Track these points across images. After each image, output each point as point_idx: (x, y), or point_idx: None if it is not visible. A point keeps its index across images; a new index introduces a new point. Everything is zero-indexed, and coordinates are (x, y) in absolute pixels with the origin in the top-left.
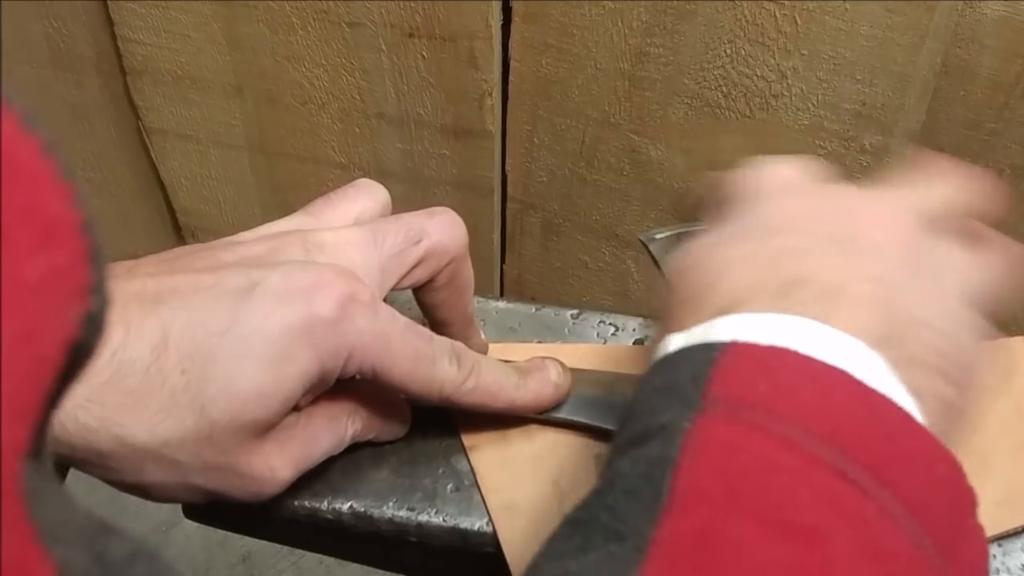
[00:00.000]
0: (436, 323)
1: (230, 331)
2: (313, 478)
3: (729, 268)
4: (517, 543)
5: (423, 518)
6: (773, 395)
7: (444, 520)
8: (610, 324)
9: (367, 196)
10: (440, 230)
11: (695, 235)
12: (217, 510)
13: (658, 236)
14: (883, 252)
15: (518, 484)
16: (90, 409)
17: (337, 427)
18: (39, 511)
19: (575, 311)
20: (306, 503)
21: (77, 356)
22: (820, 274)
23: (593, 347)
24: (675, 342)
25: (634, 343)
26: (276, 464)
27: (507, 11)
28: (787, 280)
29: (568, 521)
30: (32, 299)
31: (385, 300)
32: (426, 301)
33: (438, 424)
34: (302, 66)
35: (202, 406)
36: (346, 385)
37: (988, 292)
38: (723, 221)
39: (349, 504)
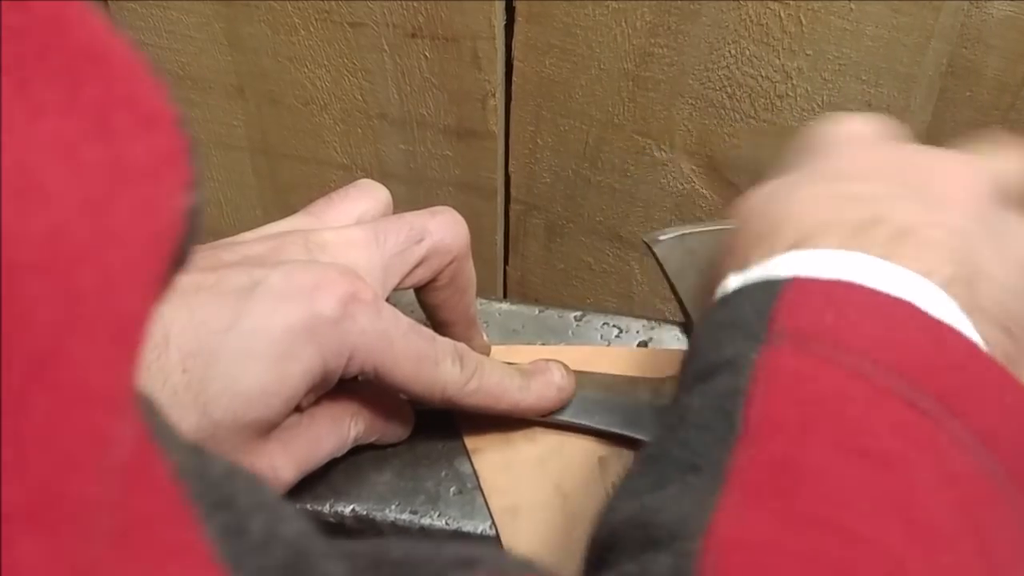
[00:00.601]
0: (438, 324)
1: (232, 330)
2: (315, 480)
3: (801, 206)
4: (520, 546)
5: (426, 521)
6: (839, 327)
7: (447, 523)
8: (614, 326)
9: (368, 196)
10: (442, 229)
11: (699, 236)
12: None
13: (662, 238)
14: (956, 205)
15: (521, 487)
16: None
17: (340, 428)
18: (148, 416)
19: (578, 313)
20: (308, 506)
21: (181, 253)
22: (892, 217)
23: (597, 349)
24: (734, 282)
25: (638, 345)
26: (279, 464)
27: (510, 11)
28: (859, 220)
29: (640, 459)
30: (139, 180)
31: (387, 301)
32: (428, 301)
33: (440, 427)
34: (304, 67)
35: (204, 405)
36: (349, 386)
37: None
38: (796, 167)
39: (351, 507)
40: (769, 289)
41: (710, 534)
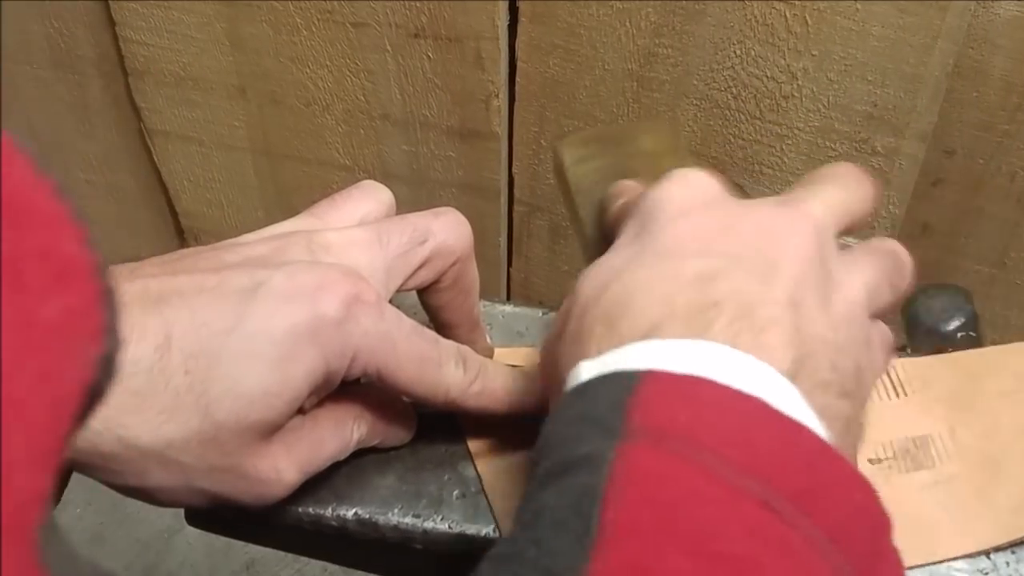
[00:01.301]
0: (441, 325)
1: (234, 331)
2: (317, 484)
3: (641, 291)
4: None
5: (429, 525)
6: (694, 425)
7: (450, 527)
8: None
9: (371, 197)
10: (445, 230)
11: (607, 136)
12: (220, 516)
13: (571, 141)
14: (788, 270)
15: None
16: None
17: (343, 431)
18: (47, 558)
19: None
20: (310, 510)
21: (91, 399)
22: (731, 298)
23: None
24: (587, 370)
25: None
26: (282, 466)
27: (514, 11)
28: (700, 304)
29: (492, 558)
30: (49, 341)
31: (390, 303)
32: (431, 303)
33: (444, 430)
34: (306, 67)
35: (206, 406)
36: (351, 389)
37: (878, 290)
38: (631, 237)
39: (354, 511)
40: (624, 382)
41: None
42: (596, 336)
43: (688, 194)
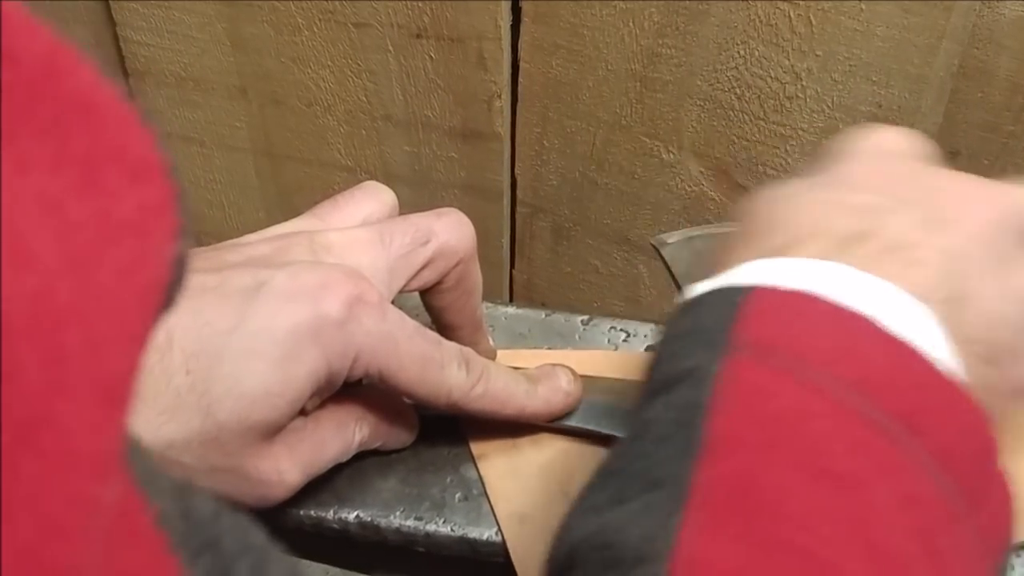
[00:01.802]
0: (444, 327)
1: (236, 330)
2: (319, 487)
3: (795, 212)
4: (527, 553)
5: (431, 528)
6: (801, 340)
7: (452, 530)
8: (621, 330)
9: (373, 198)
10: (448, 231)
11: (707, 238)
12: None
13: (670, 240)
14: (962, 226)
15: (528, 493)
16: None
17: (345, 433)
18: (133, 461)
19: (585, 317)
20: (312, 512)
21: (167, 300)
22: (886, 231)
23: (604, 354)
24: (700, 287)
25: (646, 349)
26: (284, 467)
27: (516, 11)
28: (850, 231)
29: (600, 473)
30: (127, 236)
31: (393, 304)
32: (434, 304)
33: (446, 433)
34: (308, 67)
35: (208, 406)
36: (354, 391)
37: None
38: (811, 172)
39: (355, 513)
40: (731, 297)
41: (676, 557)
42: (741, 248)
43: (891, 143)
